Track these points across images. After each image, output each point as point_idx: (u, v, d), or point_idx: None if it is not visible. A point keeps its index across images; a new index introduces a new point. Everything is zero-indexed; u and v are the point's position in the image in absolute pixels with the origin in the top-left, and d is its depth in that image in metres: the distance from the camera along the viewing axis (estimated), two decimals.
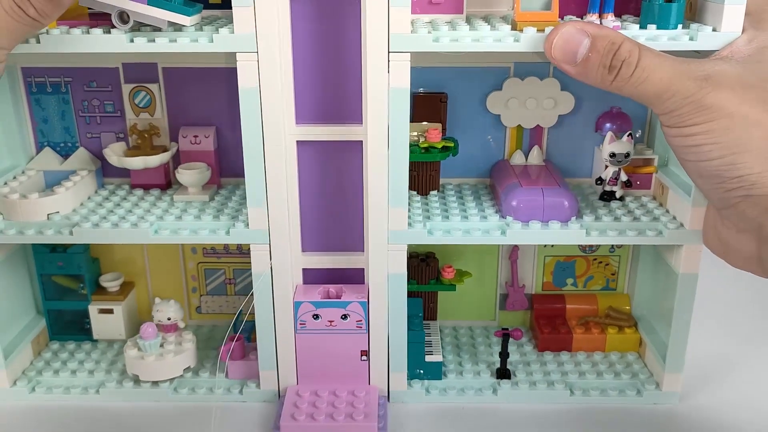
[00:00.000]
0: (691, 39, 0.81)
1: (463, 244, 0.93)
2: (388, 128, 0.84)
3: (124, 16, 0.81)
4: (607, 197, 0.98)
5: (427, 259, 1.04)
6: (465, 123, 1.03)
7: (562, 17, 0.91)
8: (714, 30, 0.80)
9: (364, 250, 0.95)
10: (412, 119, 0.96)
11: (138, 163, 0.99)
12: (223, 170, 1.06)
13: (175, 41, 0.81)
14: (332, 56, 0.87)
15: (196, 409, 0.97)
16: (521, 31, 0.81)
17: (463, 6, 0.91)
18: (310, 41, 0.86)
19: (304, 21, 0.85)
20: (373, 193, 0.88)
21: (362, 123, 0.89)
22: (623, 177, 0.97)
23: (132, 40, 0.81)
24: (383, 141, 0.85)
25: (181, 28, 0.82)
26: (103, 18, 0.84)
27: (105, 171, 1.06)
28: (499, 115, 1.02)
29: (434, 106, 1.00)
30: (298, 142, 0.90)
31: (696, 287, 0.93)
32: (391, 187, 0.87)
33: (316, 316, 0.93)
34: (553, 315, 1.11)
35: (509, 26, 0.84)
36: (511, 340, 1.00)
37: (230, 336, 0.99)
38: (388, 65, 0.81)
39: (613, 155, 0.95)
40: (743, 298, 1.29)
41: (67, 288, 1.08)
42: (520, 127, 1.03)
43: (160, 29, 0.82)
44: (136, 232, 0.91)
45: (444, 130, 1.00)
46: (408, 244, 0.91)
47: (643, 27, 0.83)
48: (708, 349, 1.11)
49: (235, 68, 0.82)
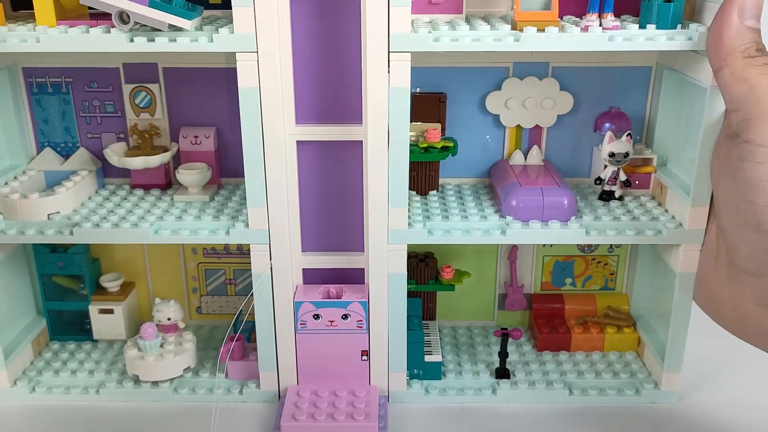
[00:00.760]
0: (690, 39, 0.81)
1: (462, 244, 0.94)
2: (388, 128, 0.85)
3: (124, 17, 0.81)
4: (606, 197, 0.99)
5: (426, 259, 1.04)
6: (464, 123, 1.03)
7: (561, 17, 0.92)
8: None
9: (364, 250, 0.95)
10: (412, 119, 0.96)
11: (138, 163, 0.99)
12: (223, 170, 1.06)
13: (175, 41, 0.81)
14: (332, 56, 0.87)
15: (196, 409, 0.97)
16: (521, 30, 0.82)
17: (463, 6, 0.92)
18: (310, 41, 0.87)
19: (304, 21, 0.86)
20: (373, 193, 0.88)
21: (362, 123, 0.89)
22: (622, 177, 0.97)
23: (132, 40, 0.81)
24: (383, 141, 0.85)
25: (180, 28, 0.82)
26: (104, 18, 0.85)
27: (105, 171, 1.06)
28: (498, 115, 1.02)
29: (433, 106, 1.00)
30: (298, 142, 0.90)
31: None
32: (391, 187, 0.87)
33: (316, 316, 0.93)
34: (552, 315, 1.11)
35: (509, 26, 0.84)
36: (510, 339, 1.00)
37: (230, 336, 1.00)
38: (388, 65, 0.82)
39: (612, 155, 0.96)
40: None
41: (67, 288, 1.08)
42: (519, 127, 1.03)
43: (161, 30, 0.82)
44: (136, 232, 0.91)
45: (443, 130, 1.01)
46: (407, 245, 0.91)
47: (642, 27, 0.83)
48: (707, 348, 1.10)
49: (235, 68, 0.83)
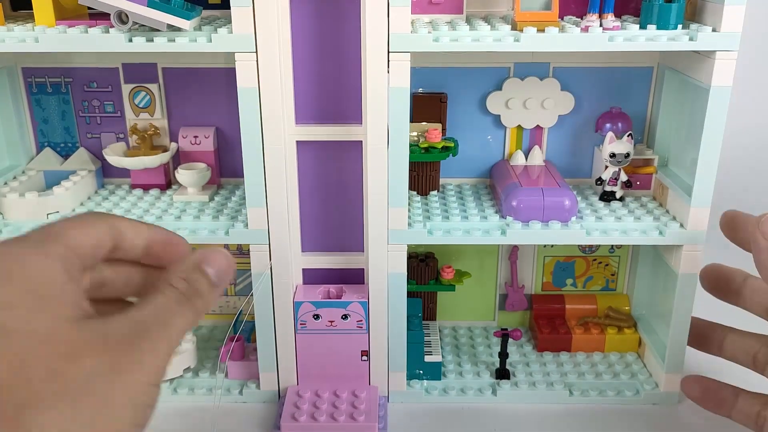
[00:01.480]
0: (691, 39, 0.81)
1: (462, 245, 0.93)
2: (388, 128, 0.84)
3: (123, 17, 0.81)
4: (607, 197, 0.98)
5: (427, 259, 1.04)
6: (465, 123, 1.03)
7: (562, 17, 0.91)
8: (714, 30, 0.81)
9: (364, 250, 0.95)
10: (412, 119, 0.96)
11: (137, 163, 0.99)
12: (223, 170, 1.06)
13: (174, 41, 0.81)
14: (332, 56, 0.87)
15: (195, 409, 0.96)
16: (521, 31, 0.81)
17: (463, 6, 0.91)
18: (310, 41, 0.86)
19: (303, 21, 0.85)
20: (373, 193, 0.88)
21: (362, 123, 0.89)
22: (623, 177, 0.97)
23: (130, 40, 0.81)
24: (383, 141, 0.85)
25: (179, 28, 0.82)
26: (103, 18, 0.84)
27: (105, 171, 1.06)
28: (499, 116, 1.02)
29: (434, 106, 1.00)
30: (298, 142, 0.90)
31: (696, 287, 0.92)
32: (391, 187, 0.87)
33: (316, 316, 0.93)
34: (553, 315, 1.11)
35: (509, 26, 0.84)
36: (510, 340, 1.00)
37: (230, 336, 0.99)
38: (388, 65, 0.81)
39: (613, 155, 0.95)
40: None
41: None
42: (520, 127, 1.03)
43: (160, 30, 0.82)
44: None
45: (444, 130, 1.00)
46: (407, 245, 0.91)
47: (643, 27, 0.83)
48: None
49: (234, 68, 0.82)
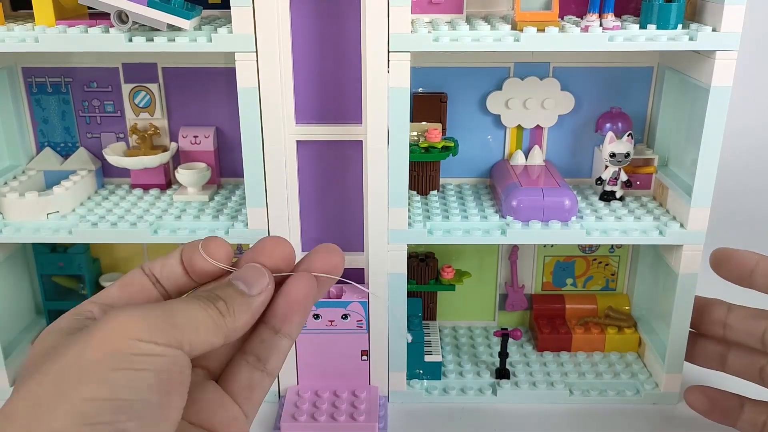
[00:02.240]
0: (691, 39, 0.81)
1: (462, 244, 0.93)
2: (388, 128, 0.84)
3: (123, 17, 0.81)
4: (607, 197, 0.98)
5: (427, 259, 1.04)
6: (465, 123, 1.03)
7: (562, 17, 0.91)
8: (714, 30, 0.81)
9: (364, 250, 0.95)
10: (412, 119, 0.96)
11: (137, 163, 0.99)
12: (223, 170, 1.06)
13: (174, 41, 0.81)
14: (332, 56, 0.87)
15: None
16: (521, 30, 0.81)
17: (463, 6, 0.92)
18: (310, 41, 0.86)
19: (303, 21, 0.85)
20: (373, 193, 0.88)
21: (362, 123, 0.89)
22: (623, 177, 0.97)
23: (130, 40, 0.81)
24: (383, 141, 0.85)
25: (179, 28, 0.82)
26: (103, 18, 0.84)
27: (105, 171, 1.06)
28: (499, 115, 1.02)
29: (434, 106, 1.00)
30: (298, 142, 0.90)
31: (695, 287, 0.92)
32: (391, 187, 0.87)
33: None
34: (553, 315, 1.11)
35: (509, 26, 0.84)
36: (510, 340, 1.00)
37: None
38: (388, 65, 0.81)
39: (613, 155, 0.95)
40: (743, 298, 1.28)
41: (67, 288, 1.08)
42: (520, 127, 1.03)
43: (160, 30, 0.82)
44: (135, 232, 0.91)
45: (444, 130, 1.00)
46: (407, 244, 0.91)
47: (643, 27, 0.83)
48: None
49: (234, 68, 0.82)
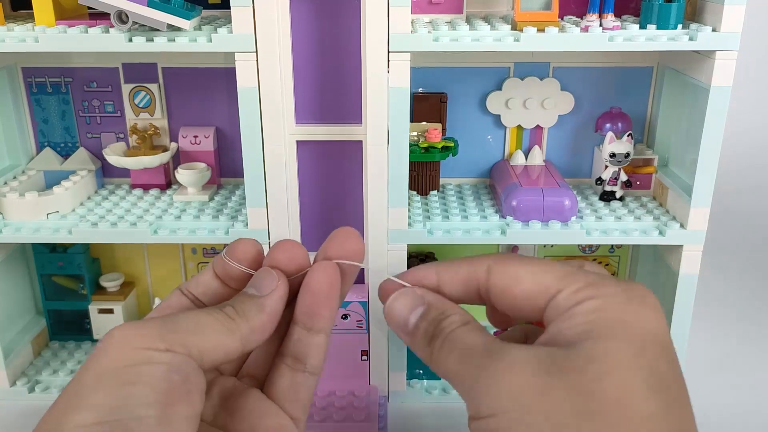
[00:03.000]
0: (691, 39, 0.81)
1: (462, 245, 0.93)
2: (388, 128, 0.84)
3: (123, 17, 0.81)
4: (607, 197, 0.98)
5: (426, 259, 1.04)
6: (465, 123, 1.03)
7: (562, 17, 0.91)
8: (714, 30, 0.81)
9: (364, 250, 0.95)
10: (412, 119, 0.96)
11: (137, 163, 0.99)
12: (223, 170, 1.06)
13: (174, 41, 0.81)
14: (332, 56, 0.87)
15: None
16: (521, 31, 0.81)
17: (463, 6, 0.91)
18: (310, 41, 0.86)
19: (304, 21, 0.85)
20: (373, 193, 0.88)
21: (362, 123, 0.89)
22: (623, 177, 0.97)
23: (131, 40, 0.81)
24: (383, 141, 0.85)
25: (179, 28, 0.82)
26: (103, 18, 0.84)
27: (105, 171, 1.06)
28: (499, 115, 1.02)
29: (434, 106, 1.00)
30: (298, 142, 0.90)
31: (695, 287, 0.92)
32: (391, 187, 0.87)
33: None
34: None
35: (509, 26, 0.84)
36: None
37: None
38: (388, 65, 0.81)
39: (613, 155, 0.95)
40: (743, 299, 1.29)
41: (67, 288, 1.08)
42: (520, 127, 1.03)
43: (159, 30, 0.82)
44: (135, 232, 0.91)
45: (444, 130, 1.00)
46: (407, 244, 0.91)
47: (642, 27, 0.83)
48: (707, 349, 1.11)
49: (234, 68, 0.82)
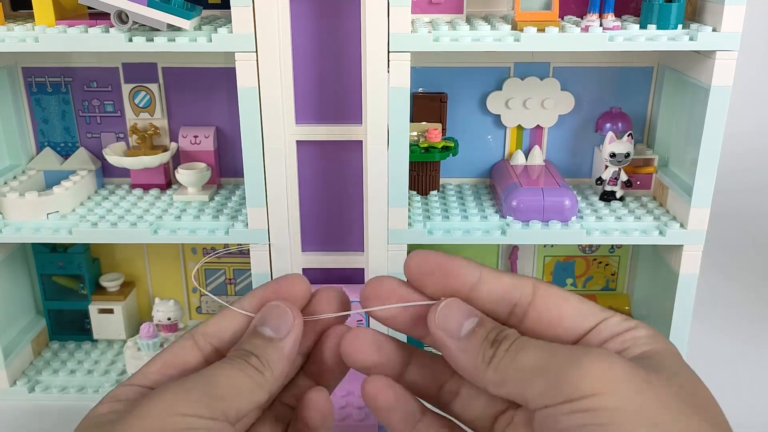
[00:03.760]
0: (691, 39, 0.81)
1: (462, 244, 0.93)
2: (388, 128, 0.84)
3: (123, 16, 0.81)
4: (607, 197, 0.98)
5: None
6: (465, 123, 1.03)
7: (562, 17, 0.91)
8: (714, 30, 0.81)
9: (364, 250, 0.95)
10: (412, 119, 0.96)
11: (137, 163, 0.99)
12: (223, 170, 1.06)
13: (174, 41, 0.81)
14: (332, 56, 0.87)
15: None
16: (521, 30, 0.81)
17: (463, 6, 0.91)
18: (310, 41, 0.86)
19: (304, 21, 0.85)
20: (373, 193, 0.88)
21: (362, 123, 0.89)
22: (623, 177, 0.97)
23: (131, 40, 0.81)
24: (383, 141, 0.85)
25: (179, 28, 0.82)
26: (103, 18, 0.84)
27: (105, 171, 1.06)
28: (499, 115, 1.02)
29: (434, 106, 1.00)
30: (298, 142, 0.90)
31: (695, 288, 0.92)
32: (391, 187, 0.87)
33: None
34: None
35: (509, 26, 0.84)
36: None
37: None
38: (388, 65, 0.81)
39: (613, 155, 0.95)
40: (743, 299, 1.29)
41: (67, 288, 1.08)
42: (520, 127, 1.03)
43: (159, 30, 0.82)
44: (135, 232, 0.91)
45: (444, 130, 1.00)
46: (407, 244, 0.91)
47: (643, 27, 0.83)
48: (707, 349, 1.11)
49: (234, 68, 0.82)
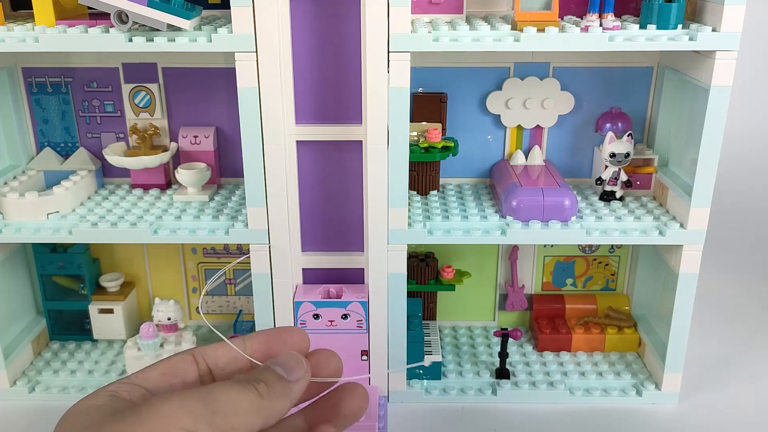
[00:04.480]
0: (691, 39, 0.81)
1: (462, 244, 0.93)
2: (388, 128, 0.84)
3: (123, 17, 0.81)
4: (607, 197, 0.98)
5: (427, 259, 1.04)
6: (465, 123, 1.03)
7: (562, 17, 0.91)
8: (714, 30, 0.81)
9: (364, 250, 0.95)
10: (412, 119, 0.96)
11: (137, 163, 0.99)
12: (223, 170, 1.06)
13: (174, 41, 0.81)
14: (332, 56, 0.87)
15: None
16: (521, 31, 0.81)
17: (463, 6, 0.91)
18: (310, 41, 0.86)
19: (304, 21, 0.85)
20: (373, 193, 0.88)
21: (362, 123, 0.89)
22: (623, 177, 0.97)
23: (131, 40, 0.81)
24: (383, 141, 0.85)
25: (179, 28, 0.82)
26: (103, 18, 0.84)
27: (105, 171, 1.06)
28: (499, 115, 1.02)
29: (434, 106, 1.00)
30: (298, 142, 0.90)
31: (695, 287, 0.92)
32: (391, 187, 0.87)
33: (316, 316, 0.93)
34: (553, 315, 1.11)
35: (509, 26, 0.84)
36: (510, 340, 1.00)
37: (230, 336, 1.00)
38: (388, 65, 0.81)
39: (613, 155, 0.95)
40: (743, 298, 1.29)
41: (67, 288, 1.08)
42: (520, 127, 1.03)
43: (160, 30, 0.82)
44: (135, 232, 0.91)
45: (444, 130, 1.00)
46: (407, 244, 0.91)
47: (643, 27, 0.83)
48: (707, 349, 1.11)
49: (234, 68, 0.82)
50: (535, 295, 1.13)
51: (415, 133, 0.99)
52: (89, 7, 0.84)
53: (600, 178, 0.98)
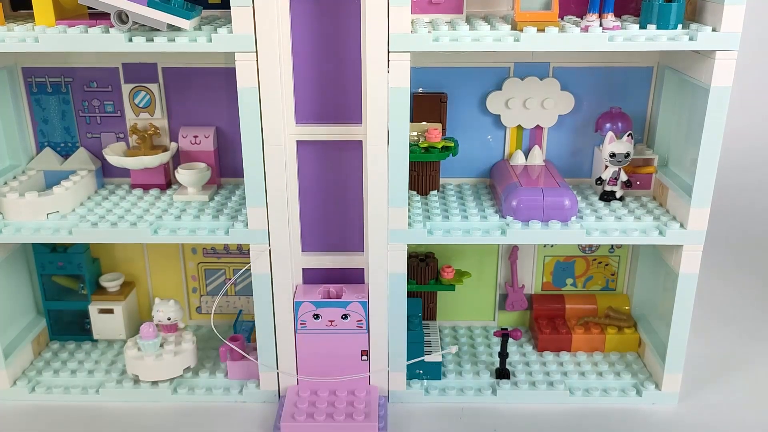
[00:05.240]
0: (691, 39, 0.81)
1: (462, 244, 0.93)
2: (388, 128, 0.84)
3: (123, 17, 0.81)
4: (607, 197, 0.98)
5: (427, 259, 1.04)
6: (465, 123, 1.03)
7: (562, 17, 0.91)
8: (714, 30, 0.81)
9: (364, 250, 0.95)
10: (412, 119, 0.96)
11: (137, 163, 0.99)
12: (223, 170, 1.06)
13: (174, 41, 0.81)
14: (332, 56, 0.87)
15: (195, 409, 0.97)
16: (521, 30, 0.81)
17: (463, 6, 0.92)
18: (310, 41, 0.86)
19: (304, 21, 0.85)
20: (373, 193, 0.88)
21: (362, 123, 0.89)
22: (623, 177, 0.97)
23: (131, 40, 0.81)
24: (383, 141, 0.85)
25: (179, 28, 0.82)
26: (103, 18, 0.85)
27: (105, 171, 1.06)
28: (499, 115, 1.02)
29: (434, 106, 1.00)
30: (298, 142, 0.90)
31: (695, 287, 0.93)
32: (391, 187, 0.87)
33: (316, 316, 0.93)
34: (553, 315, 1.11)
35: (509, 26, 0.84)
36: (510, 340, 1.00)
37: (230, 336, 1.00)
38: (388, 65, 0.81)
39: (613, 155, 0.95)
40: (743, 298, 1.29)
41: (67, 288, 1.08)
42: (520, 127, 1.03)
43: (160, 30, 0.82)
44: (135, 232, 0.91)
45: (444, 130, 1.00)
46: (407, 244, 0.91)
47: (642, 27, 0.83)
48: (707, 349, 1.11)
49: (234, 68, 0.82)
50: (535, 295, 1.13)
51: (415, 133, 0.99)
52: (89, 7, 0.84)
53: (600, 178, 0.99)
